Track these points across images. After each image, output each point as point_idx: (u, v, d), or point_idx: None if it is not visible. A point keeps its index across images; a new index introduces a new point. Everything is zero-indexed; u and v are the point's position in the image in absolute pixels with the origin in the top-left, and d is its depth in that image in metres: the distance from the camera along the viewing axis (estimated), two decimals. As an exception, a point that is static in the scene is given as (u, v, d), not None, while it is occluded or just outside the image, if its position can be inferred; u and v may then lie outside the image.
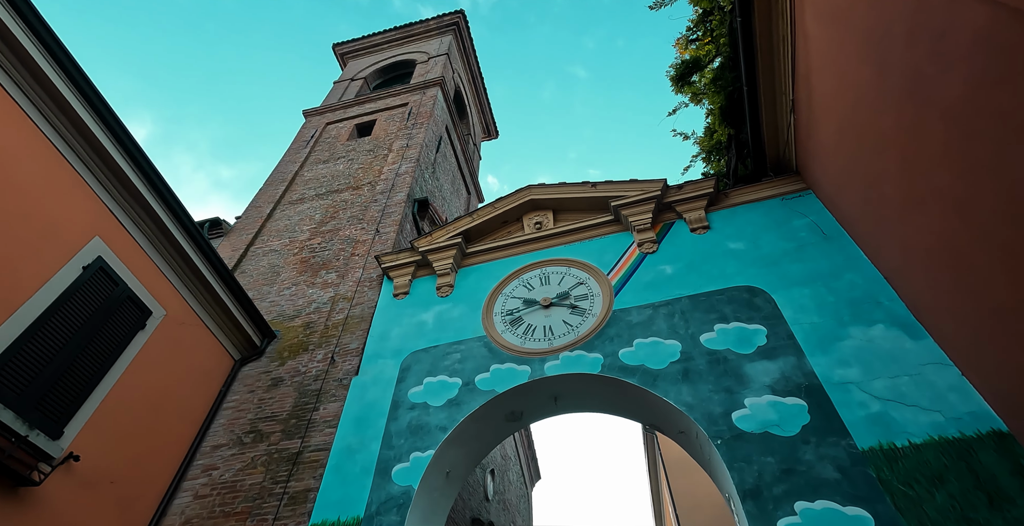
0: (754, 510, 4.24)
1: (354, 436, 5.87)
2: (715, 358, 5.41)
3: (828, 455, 4.40)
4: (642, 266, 6.73)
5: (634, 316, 6.13)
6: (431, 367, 6.37)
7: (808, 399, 4.80)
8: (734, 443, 4.71)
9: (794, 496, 4.23)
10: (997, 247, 3.61)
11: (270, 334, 7.53)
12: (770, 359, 5.22)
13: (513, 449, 15.09)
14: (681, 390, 5.25)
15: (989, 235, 3.64)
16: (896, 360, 4.83)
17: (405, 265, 7.85)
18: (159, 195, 5.85)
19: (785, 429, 4.67)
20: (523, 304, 6.81)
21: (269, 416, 6.40)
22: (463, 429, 5.73)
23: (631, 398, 5.67)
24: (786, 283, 5.88)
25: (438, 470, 5.52)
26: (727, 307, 5.85)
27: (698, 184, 7.16)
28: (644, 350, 5.72)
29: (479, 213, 7.98)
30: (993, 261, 3.70)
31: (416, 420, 5.82)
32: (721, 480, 4.95)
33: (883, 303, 5.30)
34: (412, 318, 7.18)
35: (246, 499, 5.52)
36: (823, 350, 5.13)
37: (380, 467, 5.47)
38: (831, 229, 6.25)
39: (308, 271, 8.81)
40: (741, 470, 4.50)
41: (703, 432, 4.89)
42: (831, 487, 4.21)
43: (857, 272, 5.67)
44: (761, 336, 5.45)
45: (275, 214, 10.73)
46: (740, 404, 4.96)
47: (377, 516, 5.05)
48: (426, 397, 6.05)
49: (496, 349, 6.33)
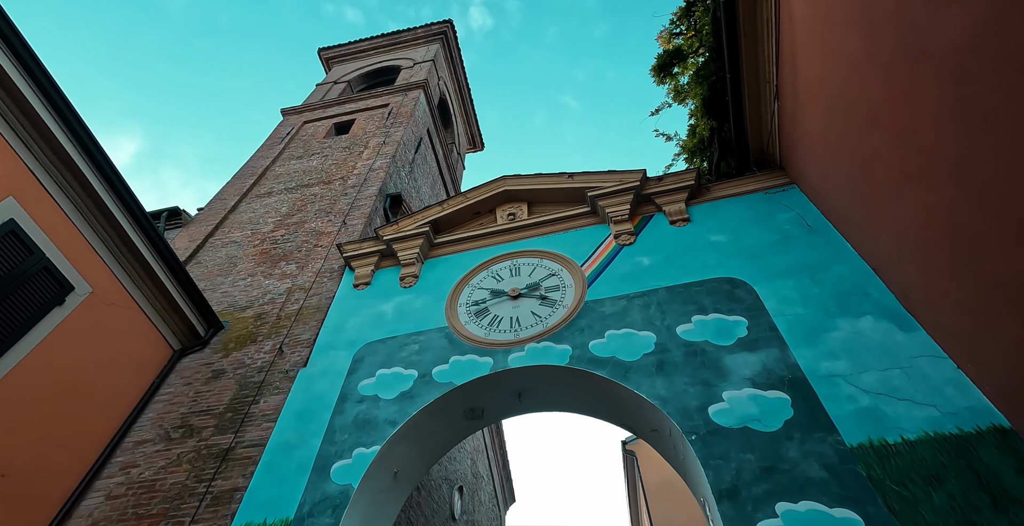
0: (731, 512, 3.75)
1: (294, 431, 5.30)
2: (692, 350, 4.97)
3: (813, 452, 3.94)
4: (618, 258, 6.32)
5: (607, 307, 5.68)
6: (386, 358, 5.85)
7: (792, 393, 4.36)
8: (710, 439, 4.23)
9: (775, 496, 3.75)
10: (995, 211, 3.25)
11: (217, 324, 6.97)
12: (751, 351, 4.79)
13: (486, 468, 14.38)
14: (655, 383, 4.78)
15: (987, 198, 3.28)
16: (887, 352, 4.43)
17: (368, 254, 7.37)
18: (90, 158, 5.37)
19: (766, 424, 4.21)
20: (490, 295, 6.35)
21: (204, 410, 5.81)
22: (416, 424, 5.19)
23: (601, 393, 5.19)
24: (769, 275, 5.49)
25: (384, 469, 4.96)
26: (707, 298, 5.43)
27: (679, 176, 6.83)
28: (616, 341, 5.26)
29: (450, 202, 7.56)
30: (991, 228, 3.34)
31: (364, 414, 5.28)
32: (696, 481, 4.45)
33: (872, 295, 4.92)
34: (371, 309, 6.68)
35: (165, 500, 4.91)
36: (808, 342, 4.72)
37: (319, 464, 4.90)
38: (816, 222, 5.91)
39: (267, 262, 8.29)
40: (717, 468, 4.02)
41: (677, 428, 4.41)
42: (817, 487, 3.74)
43: (844, 264, 5.30)
44: (742, 328, 5.03)
45: (240, 206, 10.24)
46: (718, 398, 4.51)
47: (309, 518, 4.47)
48: (377, 390, 5.52)
49: (458, 340, 5.84)
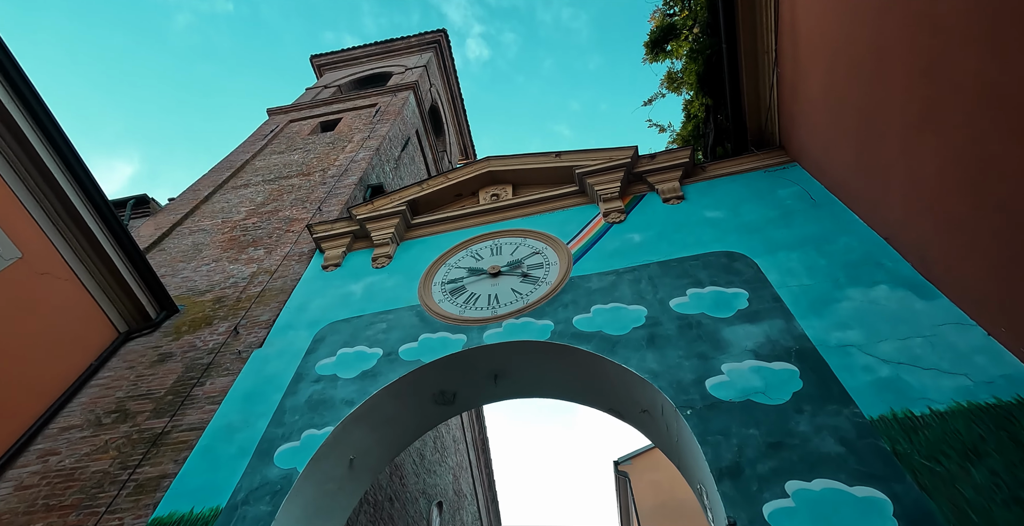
0: (732, 492, 3.17)
1: (239, 413, 4.70)
2: (687, 323, 4.44)
3: (827, 425, 3.39)
4: (607, 235, 5.84)
5: (594, 283, 5.17)
6: (350, 338, 5.29)
7: (800, 364, 3.83)
8: (707, 413, 3.67)
9: (784, 475, 3.19)
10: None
11: (171, 307, 6.40)
12: (753, 323, 4.27)
13: (470, 486, 13.57)
14: (645, 357, 4.24)
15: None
16: (905, 322, 3.92)
17: (340, 235, 6.87)
18: (30, 112, 4.90)
19: (772, 397, 3.67)
20: (468, 273, 5.83)
21: (143, 394, 5.21)
22: (376, 406, 4.61)
23: (586, 372, 4.63)
24: (771, 248, 5.01)
25: (337, 454, 4.36)
26: (702, 272, 4.94)
27: (672, 154, 6.40)
28: (603, 316, 4.74)
29: (430, 183, 7.10)
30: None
31: (319, 394, 4.69)
32: (692, 464, 3.87)
33: (885, 264, 4.43)
34: (339, 289, 6.14)
35: (82, 489, 4.28)
36: (816, 313, 4.21)
37: (262, 448, 4.30)
38: (821, 196, 5.46)
39: (235, 248, 7.77)
40: (716, 445, 3.46)
41: (670, 403, 3.85)
42: (833, 463, 3.18)
43: (852, 235, 4.83)
44: (742, 299, 4.52)
45: (214, 197, 9.76)
46: (716, 370, 3.97)
47: (243, 506, 3.85)
48: (337, 369, 4.94)
49: (429, 318, 5.29)
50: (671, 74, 8.08)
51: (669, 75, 8.11)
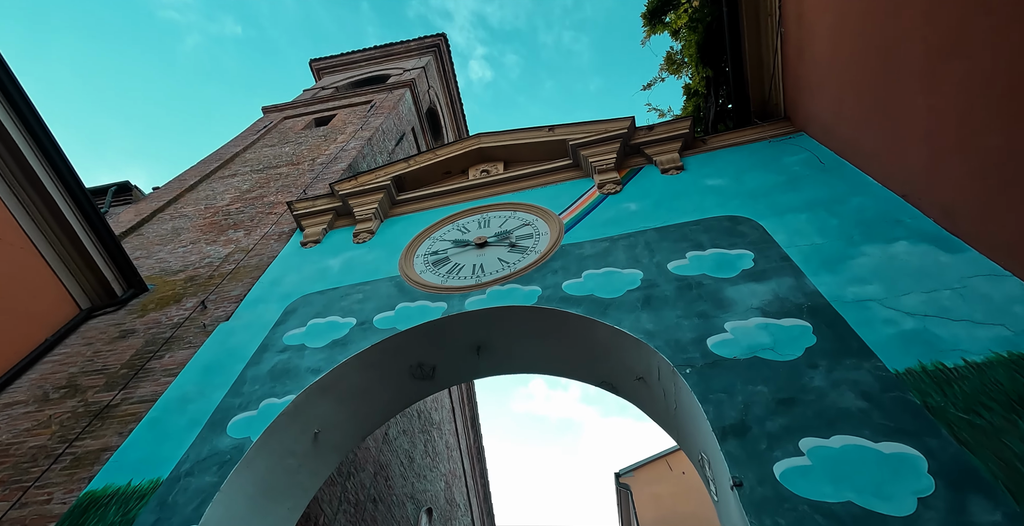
0: (738, 451, 2.74)
1: (195, 385, 4.29)
2: (686, 284, 4.04)
3: (846, 380, 2.96)
4: (602, 205, 5.47)
5: (587, 249, 4.79)
6: (322, 309, 4.89)
7: (813, 320, 3.42)
8: (709, 372, 3.25)
9: (798, 432, 2.76)
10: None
11: (139, 285, 6.03)
12: (759, 282, 3.87)
13: (464, 496, 12.98)
14: (639, 317, 3.83)
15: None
16: (930, 275, 3.51)
17: (322, 212, 6.52)
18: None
19: (782, 353, 3.25)
20: (453, 245, 5.46)
21: (98, 370, 4.81)
22: (346, 376, 4.19)
23: (574, 339, 4.22)
24: (777, 211, 4.63)
25: (299, 426, 3.93)
26: (703, 236, 4.55)
27: (671, 124, 6.07)
28: (595, 280, 4.34)
29: (417, 159, 6.77)
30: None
31: (284, 364, 4.28)
32: (692, 432, 3.43)
33: (904, 221, 4.04)
34: (316, 264, 5.76)
35: (14, 465, 3.86)
36: (829, 270, 3.80)
37: (215, 418, 3.88)
38: (830, 161, 5.09)
39: (214, 231, 7.43)
40: (719, 403, 3.03)
41: (667, 363, 3.43)
42: (854, 419, 2.75)
43: (866, 196, 4.45)
44: (747, 260, 4.12)
45: (200, 186, 9.46)
46: (719, 329, 3.55)
47: (186, 477, 3.42)
48: (305, 339, 4.54)
49: (408, 287, 4.90)
50: (671, 56, 7.81)
51: (669, 57, 7.83)
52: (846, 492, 2.44)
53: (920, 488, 2.38)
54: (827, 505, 2.41)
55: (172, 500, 3.27)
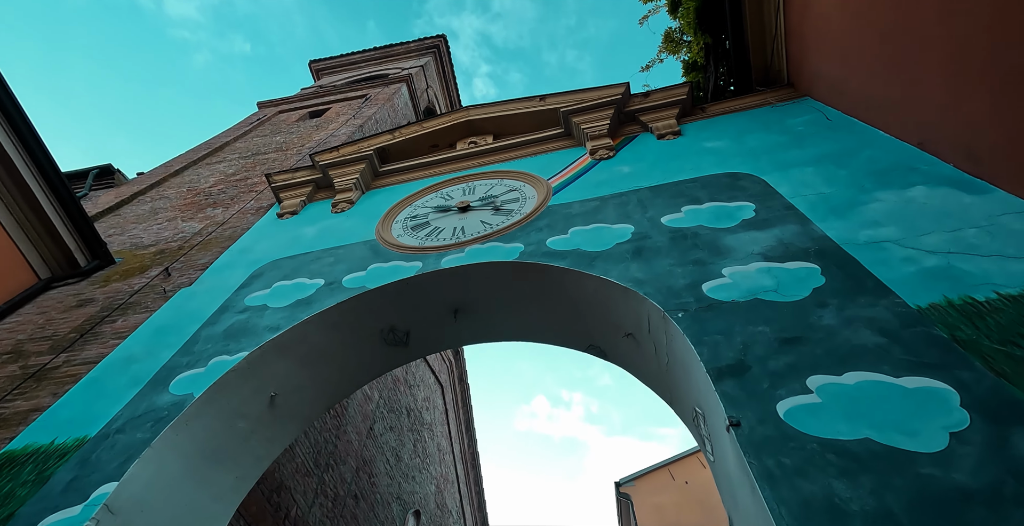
0: (736, 391, 2.35)
1: (144, 345, 3.94)
2: (681, 234, 3.68)
3: (860, 318, 2.58)
4: (594, 170, 5.14)
5: (575, 208, 4.44)
6: (291, 272, 4.55)
7: (821, 262, 3.05)
8: (704, 315, 2.88)
9: (805, 370, 2.37)
10: None
11: (105, 257, 5.70)
12: (760, 230, 3.50)
13: (456, 503, 12.45)
14: (629, 267, 3.47)
15: None
16: (952, 215, 3.14)
17: (301, 184, 6.21)
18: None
19: (786, 294, 2.87)
20: (435, 211, 5.12)
21: (47, 336, 4.46)
22: (307, 336, 3.83)
23: (558, 297, 3.84)
24: (781, 166, 4.28)
25: (252, 386, 3.55)
26: (701, 191, 4.20)
27: (668, 91, 5.76)
28: (582, 236, 3.99)
29: (403, 131, 6.48)
30: None
31: (242, 324, 3.93)
32: (685, 387, 3.04)
33: (920, 168, 3.68)
34: (290, 233, 5.43)
35: (-59, 423, 3.49)
36: (839, 216, 3.45)
37: (159, 376, 3.52)
38: (838, 119, 4.75)
39: (192, 209, 7.13)
40: (715, 345, 2.65)
41: (657, 309, 3.06)
42: (870, 355, 2.37)
43: (877, 148, 4.10)
44: (747, 211, 3.76)
45: (185, 171, 9.20)
46: (715, 274, 3.19)
47: (116, 434, 3.05)
48: (268, 299, 4.19)
49: (383, 249, 4.56)
50: (669, 34, 7.55)
51: (667, 35, 7.58)
52: (863, 429, 2.05)
53: (952, 423, 1.99)
54: (840, 443, 2.02)
55: (95, 458, 2.89)
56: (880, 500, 1.80)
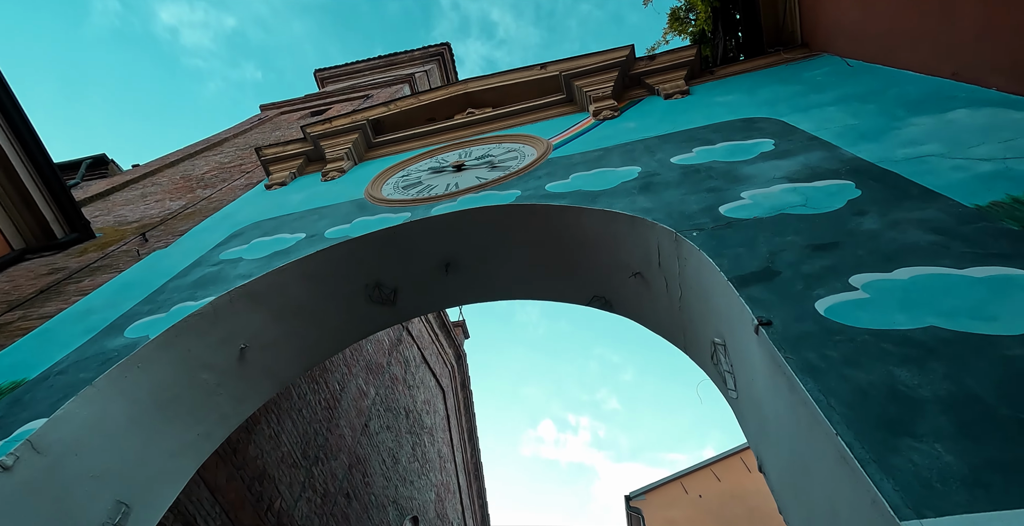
0: (765, 295, 1.98)
1: (107, 299, 3.61)
2: (693, 169, 3.35)
3: (908, 220, 2.22)
4: (598, 128, 4.83)
5: (577, 158, 4.12)
6: (272, 229, 4.23)
7: (855, 178, 2.69)
8: (722, 232, 2.52)
9: (847, 270, 2.01)
10: None
11: (84, 230, 5.42)
12: (783, 158, 3.16)
13: (458, 514, 11.87)
14: (635, 200, 3.13)
15: None
16: (1004, 128, 2.79)
17: (292, 157, 5.94)
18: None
19: (816, 207, 2.51)
20: (429, 172, 4.81)
21: (11, 300, 4.14)
22: (282, 286, 3.48)
23: (558, 241, 3.49)
24: (801, 108, 3.95)
25: (219, 333, 3.20)
26: (714, 134, 3.87)
27: (675, 53, 5.47)
28: (584, 179, 3.65)
29: (398, 103, 6.22)
30: None
31: (213, 275, 3.59)
32: (702, 317, 2.65)
33: (958, 95, 3.34)
34: (277, 200, 5.13)
35: None
36: (872, 140, 3.10)
37: (116, 324, 3.18)
38: (860, 66, 4.44)
39: (182, 191, 6.87)
40: (737, 257, 2.28)
41: (669, 234, 2.70)
42: (924, 252, 2.00)
43: (908, 85, 3.76)
44: (766, 145, 3.43)
45: (182, 163, 9.00)
46: (734, 197, 2.83)
47: (57, 375, 2.70)
48: (244, 253, 3.86)
49: (371, 205, 4.24)
50: (675, 12, 7.32)
51: (673, 14, 7.35)
52: (926, 317, 1.67)
53: (1039, 305, 1.61)
54: (899, 332, 1.64)
55: (29, 398, 2.54)
56: (958, 384, 1.42)
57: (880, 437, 1.33)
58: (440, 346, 11.68)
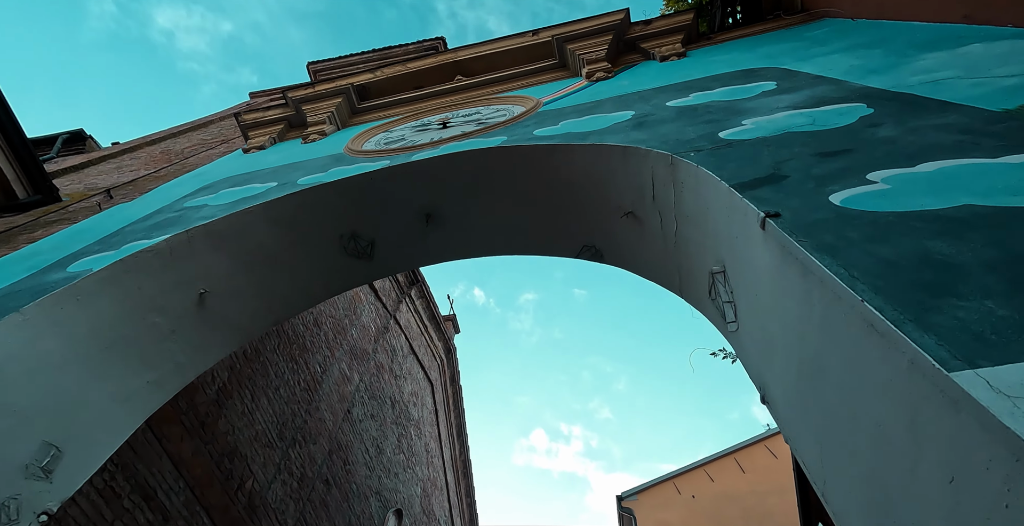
0: (772, 194, 1.76)
1: (56, 243, 3.36)
2: (691, 108, 3.13)
3: (928, 126, 2.00)
4: (591, 87, 4.62)
5: (568, 110, 3.90)
6: (243, 181, 3.98)
7: (866, 101, 2.47)
8: (723, 151, 2.30)
9: (863, 169, 1.78)
10: None
11: (48, 193, 5.14)
12: (787, 93, 2.95)
13: (445, 512, 11.53)
14: (628, 135, 2.90)
15: None
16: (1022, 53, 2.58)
17: (272, 122, 5.71)
18: None
19: (825, 124, 2.29)
20: (412, 130, 4.58)
21: (-35, 250, 3.87)
22: (249, 230, 3.24)
23: (545, 187, 3.26)
24: (804, 58, 3.75)
25: (175, 274, 2.94)
26: (713, 83, 3.66)
27: (671, 18, 5.30)
28: (574, 124, 3.43)
29: (385, 70, 6.02)
30: None
31: (174, 219, 3.33)
32: (699, 246, 2.42)
33: (972, 35, 3.14)
34: (253, 160, 4.88)
35: None
36: (882, 73, 2.89)
37: (60, 262, 2.92)
38: (865, 23, 4.25)
39: (160, 163, 6.61)
40: (739, 169, 2.06)
41: (663, 158, 2.48)
42: (950, 149, 1.77)
43: (917, 32, 3.57)
44: (768, 86, 3.22)
45: (164, 142, 8.73)
46: (735, 124, 2.61)
47: (-17, 306, 2.43)
48: (210, 200, 3.61)
49: (348, 157, 4.00)
50: (672, -11, 7.17)
51: (670, -10, 7.20)
52: (960, 198, 1.45)
53: (1095, 179, 1.39)
54: (930, 212, 1.41)
55: (-51, 326, 2.27)
56: (1004, 249, 1.19)
57: (916, 298, 1.10)
58: (429, 338, 11.40)
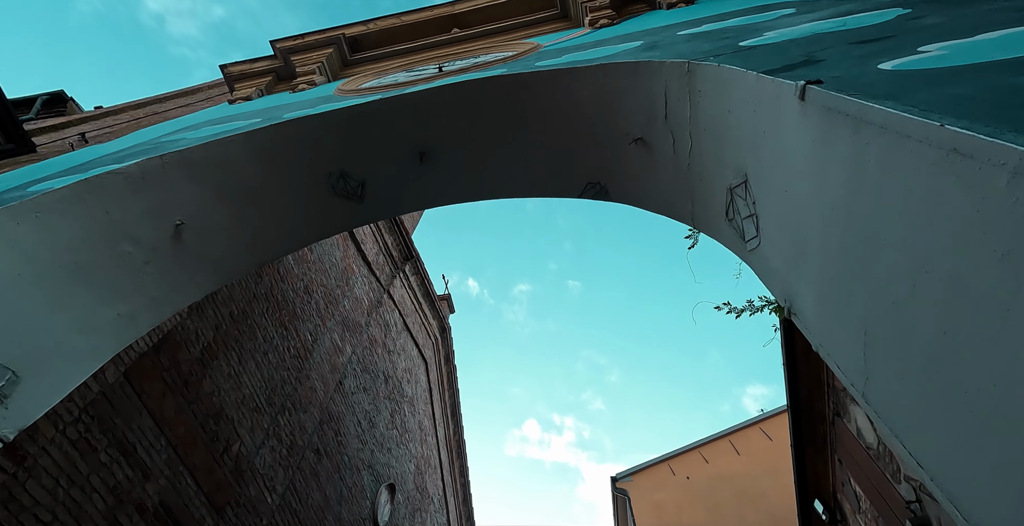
0: (810, 72, 1.55)
1: (21, 175, 3.13)
2: (703, 33, 2.92)
3: (981, 11, 1.79)
4: (594, 33, 4.40)
5: (571, 48, 3.68)
6: (226, 121, 3.75)
7: (902, 3, 2.27)
8: (746, 53, 2.09)
9: (912, 45, 1.58)
10: None
11: (21, 142, 4.88)
12: (808, 13, 2.74)
13: (439, 491, 11.41)
14: (637, 55, 2.69)
15: None
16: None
17: (260, 74, 5.45)
18: None
19: (859, 23, 2.09)
20: (406, 75, 4.35)
21: (-71, 190, 3.63)
22: (230, 161, 3.02)
23: (547, 116, 3.05)
24: None
25: (147, 202, 2.72)
26: (727, 16, 3.44)
27: (680, -33, 5.05)
28: (579, 56, 3.22)
29: (378, 22, 5.75)
30: None
31: (148, 149, 3.11)
32: (718, 158, 2.22)
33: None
34: (239, 108, 4.64)
35: None
36: None
37: (22, 186, 2.70)
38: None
39: (143, 121, 6.36)
40: (768, 60, 1.86)
41: (678, 68, 2.27)
42: (1014, 22, 1.57)
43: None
44: (787, 10, 3.01)
45: (150, 105, 8.45)
46: (756, 34, 2.41)
47: (-64, 220, 2.21)
48: (188, 135, 3.38)
49: (336, 96, 3.78)
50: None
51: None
52: (1039, 48, 1.25)
53: None
54: (1008, 60, 1.22)
55: None
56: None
57: (1010, 115, 0.91)
58: (423, 315, 11.21)
